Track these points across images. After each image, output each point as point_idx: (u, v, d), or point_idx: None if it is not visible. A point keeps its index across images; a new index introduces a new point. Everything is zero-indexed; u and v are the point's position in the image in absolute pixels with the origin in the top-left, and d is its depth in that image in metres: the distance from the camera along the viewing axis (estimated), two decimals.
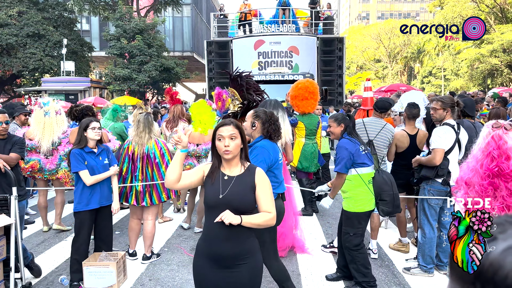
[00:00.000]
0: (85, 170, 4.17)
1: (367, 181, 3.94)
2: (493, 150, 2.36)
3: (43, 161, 5.71)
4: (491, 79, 37.31)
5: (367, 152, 3.98)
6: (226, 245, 2.34)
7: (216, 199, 2.34)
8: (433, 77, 52.60)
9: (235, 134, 2.39)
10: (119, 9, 26.33)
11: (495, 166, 2.35)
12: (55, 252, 5.33)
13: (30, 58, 25.41)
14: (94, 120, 4.32)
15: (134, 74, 24.14)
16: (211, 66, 16.37)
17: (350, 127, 4.03)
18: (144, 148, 4.67)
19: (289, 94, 6.74)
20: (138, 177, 4.70)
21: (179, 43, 42.46)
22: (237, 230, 2.33)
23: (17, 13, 25.92)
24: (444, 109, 4.30)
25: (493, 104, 9.36)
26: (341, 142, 4.03)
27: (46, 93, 21.40)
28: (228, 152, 2.36)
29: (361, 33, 63.57)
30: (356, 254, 3.99)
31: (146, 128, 4.71)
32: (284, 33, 16.13)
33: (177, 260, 4.97)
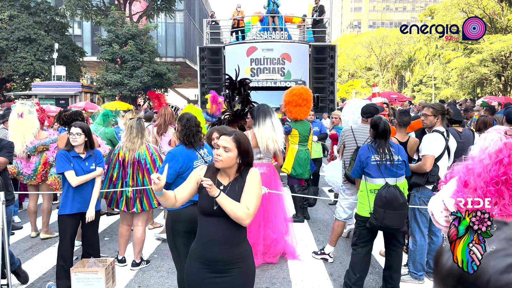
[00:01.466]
0: (71, 171, 4.11)
1: (369, 189, 3.95)
2: (505, 157, 2.36)
3: (22, 166, 5.65)
4: (480, 88, 37.80)
5: (384, 163, 3.87)
6: (219, 249, 2.34)
7: (211, 209, 2.32)
8: (424, 86, 53.19)
9: (231, 147, 2.34)
10: (112, 14, 26.28)
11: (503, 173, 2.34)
12: (43, 258, 5.25)
13: (21, 62, 25.21)
14: (75, 125, 4.21)
15: (126, 79, 24.05)
16: (203, 72, 16.37)
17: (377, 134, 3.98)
18: (135, 154, 4.63)
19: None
20: (128, 183, 4.65)
21: (172, 49, 42.45)
22: (230, 235, 2.34)
23: (8, 17, 25.74)
24: (435, 116, 4.35)
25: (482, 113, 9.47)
26: (361, 147, 4.11)
27: (36, 98, 21.20)
28: (218, 161, 2.34)
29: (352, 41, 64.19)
30: (352, 252, 4.09)
31: (138, 134, 4.68)
32: (276, 40, 16.20)
33: (167, 267, 4.92)
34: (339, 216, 5.05)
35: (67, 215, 4.17)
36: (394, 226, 3.74)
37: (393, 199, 3.70)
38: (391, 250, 4.05)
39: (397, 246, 4.02)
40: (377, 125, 3.95)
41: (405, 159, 3.96)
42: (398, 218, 3.73)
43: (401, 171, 3.94)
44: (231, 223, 2.33)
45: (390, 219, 3.69)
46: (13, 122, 5.62)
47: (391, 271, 4.03)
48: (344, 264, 4.94)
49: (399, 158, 3.91)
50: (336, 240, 5.12)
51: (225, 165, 2.36)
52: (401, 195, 3.77)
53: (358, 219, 4.10)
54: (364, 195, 4.01)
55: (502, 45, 30.03)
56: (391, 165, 3.87)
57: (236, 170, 2.42)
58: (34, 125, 5.64)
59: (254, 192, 2.37)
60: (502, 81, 34.88)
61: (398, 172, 3.91)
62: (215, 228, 2.33)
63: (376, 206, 3.76)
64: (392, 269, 4.03)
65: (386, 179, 3.87)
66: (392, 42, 59.13)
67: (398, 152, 3.93)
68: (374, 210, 3.78)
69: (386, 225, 3.73)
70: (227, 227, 2.34)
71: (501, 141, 2.45)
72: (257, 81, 12.70)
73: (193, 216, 2.99)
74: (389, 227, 3.76)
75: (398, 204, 3.71)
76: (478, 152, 2.45)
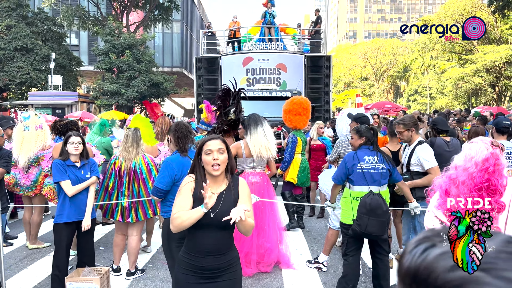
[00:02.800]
0: (67, 181, 4.14)
1: (353, 196, 3.99)
2: (490, 166, 2.43)
3: (20, 177, 5.63)
4: (475, 98, 38.11)
5: (368, 171, 3.92)
6: (209, 259, 2.39)
7: (207, 218, 2.34)
8: (419, 96, 53.57)
9: (223, 148, 2.42)
10: (109, 24, 26.41)
11: (486, 180, 2.43)
12: (37, 267, 5.25)
13: (17, 71, 25.25)
14: (74, 135, 4.29)
15: (123, 89, 24.11)
16: (199, 81, 16.47)
17: (372, 140, 4.04)
18: (131, 164, 4.67)
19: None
20: (124, 193, 4.68)
21: (169, 59, 42.63)
22: (221, 244, 2.41)
23: (6, 26, 25.84)
24: (408, 130, 4.44)
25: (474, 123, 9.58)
26: (347, 154, 4.14)
27: (32, 107, 21.21)
28: (217, 167, 2.37)
29: (348, 52, 64.63)
30: (343, 262, 4.11)
31: (134, 143, 4.71)
32: (272, 51, 16.35)
33: (162, 276, 4.94)
34: (333, 225, 5.10)
35: (63, 224, 4.19)
36: (376, 233, 3.79)
37: (377, 207, 3.76)
38: (376, 258, 4.09)
39: (382, 254, 4.06)
40: (361, 133, 4.04)
41: (389, 167, 3.99)
42: (380, 225, 3.78)
43: (385, 180, 3.99)
44: (223, 232, 2.39)
45: (372, 226, 3.75)
46: (24, 134, 5.51)
47: (379, 280, 4.06)
48: (338, 273, 4.97)
49: (383, 166, 3.96)
50: (330, 249, 5.16)
51: (223, 168, 2.41)
52: (384, 203, 3.83)
53: (343, 228, 4.13)
54: (347, 202, 4.05)
55: (495, 56, 30.39)
56: (376, 173, 3.93)
57: (224, 176, 2.48)
58: (47, 136, 5.66)
59: (251, 203, 2.49)
60: (496, 91, 35.21)
61: (382, 180, 3.96)
62: (208, 238, 2.37)
63: (360, 213, 3.81)
64: (380, 277, 4.06)
65: (370, 187, 3.91)
66: (388, 53, 59.62)
67: (382, 160, 3.97)
68: (358, 216, 3.82)
69: (369, 232, 3.78)
70: (219, 236, 2.39)
71: (487, 150, 2.53)
72: (253, 91, 12.79)
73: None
74: (371, 234, 3.80)
75: (382, 212, 3.77)
76: (463, 161, 2.53)
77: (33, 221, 5.89)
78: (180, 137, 3.65)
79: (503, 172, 2.49)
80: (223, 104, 5.39)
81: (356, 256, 4.08)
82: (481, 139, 2.65)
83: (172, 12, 34.02)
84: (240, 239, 4.72)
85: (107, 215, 4.84)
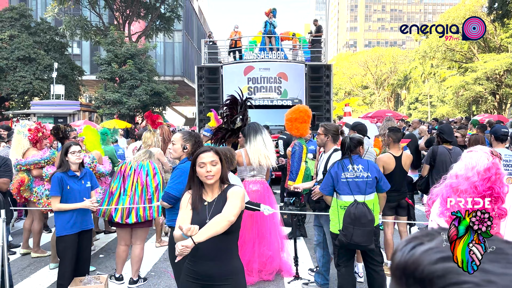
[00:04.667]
0: (57, 197, 4.20)
1: (339, 205, 3.97)
2: (492, 175, 2.49)
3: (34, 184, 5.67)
4: (476, 106, 38.19)
5: (353, 180, 3.91)
6: (211, 264, 2.42)
7: (203, 224, 2.40)
8: (420, 104, 53.67)
9: (216, 160, 2.50)
10: (111, 34, 26.61)
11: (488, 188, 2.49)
12: (40, 276, 5.27)
13: (20, 81, 25.40)
14: (74, 144, 4.35)
15: (125, 98, 24.23)
16: (201, 90, 16.57)
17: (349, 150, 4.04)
18: (138, 163, 4.74)
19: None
20: (126, 192, 4.70)
21: (170, 68, 42.89)
22: (222, 250, 2.43)
23: (9, 36, 26.05)
24: (325, 135, 4.53)
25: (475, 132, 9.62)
26: (332, 163, 4.13)
27: (35, 116, 21.30)
28: (211, 177, 2.46)
29: (348, 60, 64.94)
30: (337, 273, 4.10)
31: (146, 154, 4.87)
32: (273, 60, 16.47)
33: (164, 285, 4.95)
34: None
35: (69, 235, 4.24)
36: (362, 243, 3.75)
37: (361, 216, 3.72)
38: (369, 269, 4.07)
39: (375, 265, 4.03)
40: (343, 143, 4.06)
41: (376, 175, 3.96)
42: (366, 235, 3.74)
43: (371, 189, 3.94)
44: (223, 237, 2.41)
45: (358, 235, 3.71)
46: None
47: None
48: None
49: (369, 174, 3.92)
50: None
51: (217, 178, 2.49)
52: (369, 212, 3.78)
53: (332, 238, 4.11)
54: (334, 211, 4.02)
55: (496, 64, 30.52)
56: (361, 182, 3.90)
57: (219, 185, 2.55)
58: (18, 144, 5.72)
59: (232, 202, 2.44)
60: (497, 99, 35.30)
61: (367, 189, 3.91)
62: (208, 243, 2.38)
63: (345, 223, 3.78)
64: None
65: (354, 196, 3.88)
66: (388, 61, 59.88)
67: (367, 169, 3.94)
68: (343, 227, 3.79)
69: (355, 241, 3.74)
70: (219, 241, 2.41)
71: (488, 160, 2.57)
72: (254, 100, 12.87)
73: None
74: (358, 243, 3.77)
75: (366, 221, 3.73)
76: (464, 170, 2.57)
77: (34, 229, 5.92)
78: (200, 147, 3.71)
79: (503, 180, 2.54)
80: (230, 112, 5.47)
81: (348, 267, 4.06)
82: (480, 148, 2.70)
83: (173, 22, 34.29)
84: (242, 247, 4.74)
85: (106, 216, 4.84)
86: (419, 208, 8.43)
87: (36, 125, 5.92)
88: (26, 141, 5.72)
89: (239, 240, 4.67)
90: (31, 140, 5.75)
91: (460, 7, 37.61)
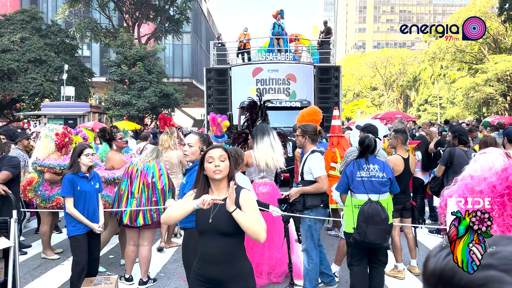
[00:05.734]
0: (71, 198, 4.25)
1: (354, 204, 4.00)
2: (510, 175, 2.51)
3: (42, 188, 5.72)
4: (486, 108, 37.81)
5: (368, 180, 3.93)
6: (219, 267, 2.39)
7: (206, 224, 2.40)
8: (429, 105, 53.25)
9: (225, 156, 2.49)
10: (120, 36, 26.81)
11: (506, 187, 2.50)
12: (51, 276, 5.32)
13: (31, 83, 25.69)
14: (88, 146, 4.43)
15: (134, 99, 24.38)
16: (210, 92, 16.63)
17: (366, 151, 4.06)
18: (144, 165, 4.76)
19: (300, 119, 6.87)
20: (134, 194, 4.73)
21: (179, 70, 43.10)
22: (230, 253, 2.40)
23: (20, 39, 26.36)
24: (303, 136, 4.53)
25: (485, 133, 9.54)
26: (348, 162, 4.19)
27: (45, 118, 21.53)
28: (219, 171, 2.43)
29: (357, 62, 64.70)
30: (350, 273, 4.10)
31: (153, 154, 4.88)
32: (281, 61, 16.47)
33: (173, 286, 4.97)
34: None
35: (82, 235, 4.29)
36: (376, 241, 3.78)
37: (374, 214, 3.76)
38: (373, 268, 4.08)
39: (379, 264, 4.05)
40: (363, 141, 4.06)
41: (390, 176, 4.00)
42: (380, 233, 3.77)
43: (385, 188, 3.98)
44: (226, 240, 2.39)
45: (372, 234, 3.74)
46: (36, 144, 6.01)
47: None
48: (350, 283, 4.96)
49: (384, 175, 3.96)
50: (341, 259, 5.14)
51: (225, 173, 2.47)
52: (383, 211, 3.81)
53: (346, 237, 4.13)
54: (349, 210, 4.05)
55: (506, 65, 30.18)
56: (376, 181, 3.93)
57: (226, 185, 2.51)
58: (45, 148, 5.78)
59: (254, 210, 2.44)
60: (508, 101, 34.90)
61: (382, 189, 3.95)
62: (211, 245, 2.39)
63: (359, 221, 3.81)
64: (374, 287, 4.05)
65: (369, 195, 3.91)
66: (397, 62, 59.55)
67: (383, 169, 3.98)
68: (357, 225, 3.82)
69: (369, 240, 3.76)
70: (224, 243, 2.39)
71: (504, 161, 2.57)
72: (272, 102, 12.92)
73: None
74: (372, 242, 3.79)
75: (380, 219, 3.76)
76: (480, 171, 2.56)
77: (41, 230, 6.00)
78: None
79: None
80: (250, 116, 5.48)
81: (361, 266, 4.06)
82: (494, 149, 2.69)
83: (182, 24, 34.47)
84: (252, 249, 4.74)
85: (117, 215, 4.92)
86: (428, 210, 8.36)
87: (63, 129, 5.98)
88: (53, 145, 5.80)
89: (249, 242, 4.67)
90: (57, 144, 5.84)
91: (471, 7, 37.26)
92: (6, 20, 27.86)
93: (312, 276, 4.41)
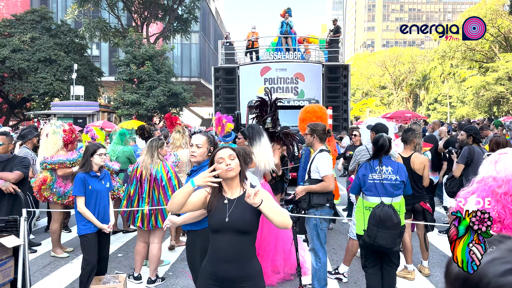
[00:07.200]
0: (82, 197, 4.27)
1: (365, 206, 3.95)
2: None
3: (57, 185, 5.77)
4: (497, 107, 37.37)
5: (380, 182, 3.88)
6: (230, 266, 2.39)
7: (222, 222, 2.40)
8: (439, 104, 52.77)
9: (233, 154, 2.50)
10: (129, 36, 26.94)
11: None
12: (61, 274, 5.35)
13: (41, 82, 25.94)
14: (101, 146, 4.45)
15: (143, 99, 24.49)
16: (218, 91, 16.65)
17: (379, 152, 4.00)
18: (152, 171, 4.75)
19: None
20: (145, 199, 4.76)
21: (187, 69, 43.21)
22: (241, 252, 2.40)
23: (30, 38, 26.62)
24: (311, 135, 4.47)
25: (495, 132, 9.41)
26: (361, 164, 4.16)
27: (55, 117, 21.71)
28: (231, 169, 2.44)
29: (366, 60, 64.33)
30: (365, 274, 4.07)
31: (148, 153, 4.83)
32: (290, 60, 16.42)
33: (182, 284, 4.97)
34: (353, 235, 5.04)
35: (93, 234, 4.31)
36: (386, 245, 3.71)
37: (386, 219, 3.67)
38: (384, 269, 4.03)
39: (391, 266, 4.00)
40: (376, 141, 4.00)
41: (403, 179, 3.91)
42: (391, 238, 3.69)
43: (398, 191, 3.90)
44: (241, 238, 2.40)
45: (382, 238, 3.67)
46: (41, 142, 6.00)
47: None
48: (359, 284, 4.93)
49: (397, 177, 3.87)
50: (350, 259, 5.11)
51: (237, 171, 2.48)
52: (395, 215, 3.72)
53: (358, 239, 4.09)
54: (360, 212, 4.00)
55: None
56: (388, 184, 3.86)
57: (239, 182, 2.52)
58: (55, 145, 5.82)
59: (274, 204, 2.48)
60: None
61: (395, 192, 3.87)
62: (226, 244, 2.39)
63: (370, 224, 3.75)
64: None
65: (381, 198, 3.84)
66: (406, 61, 59.12)
67: (397, 171, 3.90)
68: (368, 228, 3.76)
69: (379, 243, 3.70)
70: (237, 242, 2.40)
71: None
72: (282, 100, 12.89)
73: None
74: (382, 246, 3.72)
75: (392, 224, 3.68)
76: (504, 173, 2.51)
77: (51, 228, 6.03)
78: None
79: None
80: (260, 114, 5.46)
81: (376, 267, 4.02)
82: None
83: (190, 23, 34.55)
84: (267, 246, 4.74)
85: (128, 221, 4.93)
86: (439, 211, 8.28)
87: (68, 126, 6.05)
88: (61, 142, 5.87)
89: (263, 240, 4.66)
90: (65, 141, 5.91)
91: (481, 5, 36.84)
92: (17, 20, 28.15)
93: (321, 276, 4.38)
